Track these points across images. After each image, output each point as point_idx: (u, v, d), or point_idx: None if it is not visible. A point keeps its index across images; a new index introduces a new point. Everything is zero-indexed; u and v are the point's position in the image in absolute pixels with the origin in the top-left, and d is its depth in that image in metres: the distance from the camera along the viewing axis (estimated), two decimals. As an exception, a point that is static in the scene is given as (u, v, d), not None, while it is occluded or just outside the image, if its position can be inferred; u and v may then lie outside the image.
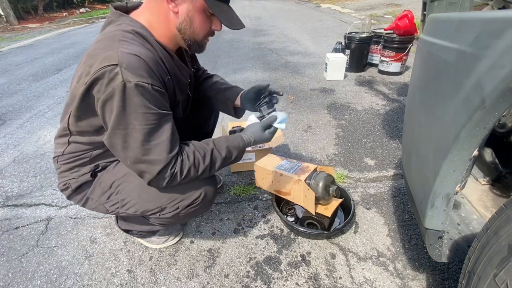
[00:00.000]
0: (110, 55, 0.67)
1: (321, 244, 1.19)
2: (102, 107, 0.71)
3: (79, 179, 0.92)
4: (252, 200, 1.46)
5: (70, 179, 0.93)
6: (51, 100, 2.88)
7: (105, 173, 0.93)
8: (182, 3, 0.77)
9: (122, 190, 0.90)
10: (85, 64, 0.71)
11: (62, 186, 0.94)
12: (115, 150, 0.76)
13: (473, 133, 0.60)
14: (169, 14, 0.78)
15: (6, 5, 9.02)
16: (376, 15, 6.45)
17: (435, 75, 0.77)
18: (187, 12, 0.78)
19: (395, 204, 1.39)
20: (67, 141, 0.88)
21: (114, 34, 0.73)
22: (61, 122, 0.88)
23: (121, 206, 0.92)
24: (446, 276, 1.04)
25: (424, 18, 1.30)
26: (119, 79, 0.66)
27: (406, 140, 1.03)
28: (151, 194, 0.87)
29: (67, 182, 0.93)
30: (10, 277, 1.11)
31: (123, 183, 0.90)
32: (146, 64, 0.70)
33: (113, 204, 0.93)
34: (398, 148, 1.82)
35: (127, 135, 0.71)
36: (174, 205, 0.89)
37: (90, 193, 0.94)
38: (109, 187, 0.91)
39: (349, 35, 3.10)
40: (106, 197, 0.93)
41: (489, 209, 0.93)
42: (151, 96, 0.71)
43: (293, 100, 2.59)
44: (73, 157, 0.90)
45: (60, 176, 0.94)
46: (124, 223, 1.13)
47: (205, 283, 1.06)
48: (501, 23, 0.53)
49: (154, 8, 0.79)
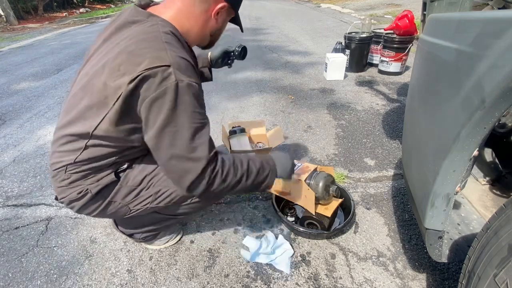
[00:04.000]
0: (161, 56, 0.68)
1: (321, 244, 1.19)
2: (149, 106, 0.70)
3: (100, 182, 0.84)
4: (252, 200, 1.46)
5: (88, 185, 0.84)
6: (51, 100, 2.88)
7: (132, 171, 0.88)
8: (223, 13, 0.86)
9: (156, 183, 0.90)
10: (127, 63, 0.69)
11: (76, 195, 0.83)
12: (159, 149, 0.75)
13: (473, 133, 0.60)
14: (209, 21, 0.85)
15: (6, 5, 9.02)
16: (376, 15, 6.45)
17: (435, 75, 0.77)
18: (223, 21, 0.89)
19: (395, 204, 1.39)
20: (82, 146, 0.79)
21: (155, 35, 0.73)
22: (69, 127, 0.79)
23: (153, 200, 0.91)
24: (446, 276, 1.04)
25: (424, 18, 1.30)
26: (172, 79, 0.68)
27: (406, 140, 1.03)
28: None
29: (84, 189, 0.83)
30: (10, 277, 1.11)
31: (156, 175, 0.90)
32: (192, 66, 0.74)
33: (143, 201, 0.90)
34: (398, 148, 1.82)
35: (176, 132, 0.72)
36: None
37: (113, 196, 0.87)
38: (139, 183, 0.88)
39: (349, 35, 3.10)
40: (134, 195, 0.89)
41: (489, 209, 0.93)
42: (199, 96, 0.74)
43: (293, 100, 2.59)
44: (89, 163, 0.81)
45: (70, 187, 0.83)
46: (126, 227, 1.11)
47: (205, 283, 1.06)
48: (501, 23, 0.53)
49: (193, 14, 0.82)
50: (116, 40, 0.77)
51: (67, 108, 0.83)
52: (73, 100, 0.81)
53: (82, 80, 0.80)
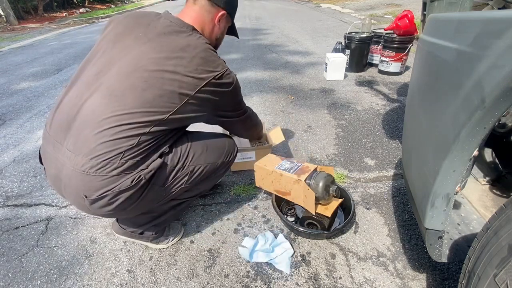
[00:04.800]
0: (222, 63, 0.98)
1: (321, 244, 1.19)
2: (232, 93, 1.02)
3: (150, 167, 0.88)
4: (252, 200, 1.46)
5: (139, 171, 0.86)
6: (51, 100, 2.88)
7: (170, 154, 0.97)
8: (223, 20, 1.07)
9: (190, 162, 1.02)
10: (205, 65, 0.91)
11: (130, 183, 0.84)
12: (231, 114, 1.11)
13: (473, 133, 0.60)
14: (215, 28, 1.06)
15: (6, 5, 9.03)
16: (376, 15, 6.45)
17: (435, 75, 0.77)
18: (224, 27, 1.11)
19: (395, 204, 1.39)
20: (144, 132, 0.84)
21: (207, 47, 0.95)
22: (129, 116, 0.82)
23: (188, 179, 1.02)
24: (446, 276, 1.04)
25: (424, 18, 1.30)
26: (233, 76, 1.02)
27: (406, 140, 1.03)
28: (214, 155, 1.11)
29: (137, 176, 0.85)
30: (10, 277, 1.11)
31: (189, 155, 1.02)
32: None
33: (179, 181, 1.00)
34: (398, 148, 1.82)
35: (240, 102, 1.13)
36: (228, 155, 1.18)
37: (156, 180, 0.91)
38: (176, 164, 0.98)
39: (349, 35, 3.10)
40: (173, 176, 0.97)
41: (489, 209, 0.93)
42: None
43: (293, 100, 2.60)
44: (146, 145, 0.86)
45: (122, 175, 0.84)
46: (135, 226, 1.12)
47: (205, 283, 1.06)
48: (501, 23, 0.53)
49: (206, 21, 1.03)
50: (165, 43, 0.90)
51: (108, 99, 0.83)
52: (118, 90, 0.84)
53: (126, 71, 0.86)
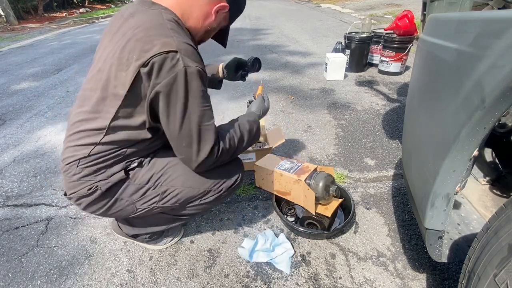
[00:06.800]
0: (169, 42, 0.70)
1: (321, 244, 1.19)
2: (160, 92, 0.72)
3: (110, 179, 0.85)
4: (252, 200, 1.46)
5: (98, 181, 0.84)
6: (51, 100, 2.88)
7: (140, 170, 0.89)
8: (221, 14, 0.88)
9: (163, 182, 0.91)
10: (136, 49, 0.71)
11: (86, 191, 0.84)
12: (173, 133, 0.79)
13: (473, 133, 0.60)
14: (209, 16, 0.86)
15: (6, 5, 9.03)
16: (376, 15, 6.45)
17: (435, 75, 0.77)
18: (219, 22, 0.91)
19: (395, 204, 1.39)
20: (97, 141, 0.80)
21: (161, 22, 0.74)
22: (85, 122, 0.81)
23: (159, 200, 0.91)
24: (446, 276, 1.04)
25: (424, 18, 1.30)
26: (181, 65, 0.70)
27: (406, 140, 1.03)
28: (196, 180, 0.92)
29: (94, 186, 0.84)
30: (10, 277, 1.11)
31: (164, 175, 0.91)
32: (197, 52, 0.77)
33: (149, 200, 0.91)
34: (398, 148, 1.82)
35: (189, 117, 0.76)
36: (218, 187, 0.96)
37: (121, 193, 0.88)
38: (147, 182, 0.89)
39: (349, 35, 3.10)
40: (141, 193, 0.89)
41: (489, 209, 0.93)
42: (204, 81, 0.77)
43: (293, 100, 2.59)
44: (101, 157, 0.82)
45: (80, 182, 0.84)
46: (130, 228, 1.11)
47: (205, 283, 1.06)
48: (501, 23, 0.53)
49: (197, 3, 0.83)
50: (123, 31, 0.78)
51: (79, 103, 0.84)
52: (86, 94, 0.82)
53: (93, 75, 0.82)
